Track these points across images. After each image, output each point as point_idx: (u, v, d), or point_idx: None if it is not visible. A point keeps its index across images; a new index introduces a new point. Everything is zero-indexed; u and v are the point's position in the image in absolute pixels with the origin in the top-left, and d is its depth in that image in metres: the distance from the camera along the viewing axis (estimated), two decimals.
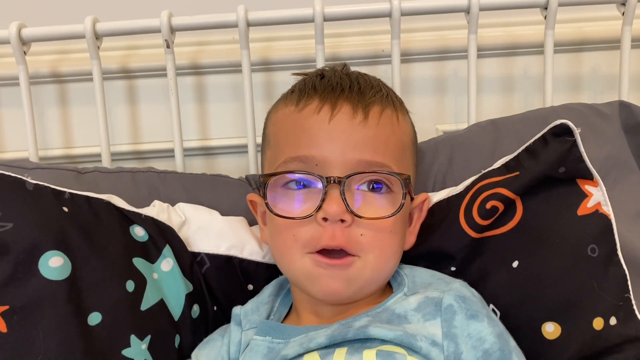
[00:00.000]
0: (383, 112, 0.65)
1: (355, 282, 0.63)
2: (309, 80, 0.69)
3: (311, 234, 0.62)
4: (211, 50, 1.03)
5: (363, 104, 0.64)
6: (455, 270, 0.71)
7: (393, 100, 0.68)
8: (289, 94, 0.69)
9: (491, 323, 0.60)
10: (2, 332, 0.60)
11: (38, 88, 1.03)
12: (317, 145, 0.63)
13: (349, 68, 0.72)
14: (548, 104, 0.92)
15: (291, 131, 0.66)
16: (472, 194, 0.71)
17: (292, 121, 0.66)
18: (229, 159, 1.06)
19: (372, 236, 0.62)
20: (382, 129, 0.65)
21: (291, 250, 0.64)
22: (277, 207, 0.64)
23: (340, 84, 0.66)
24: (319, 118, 0.64)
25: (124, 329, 0.64)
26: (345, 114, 0.64)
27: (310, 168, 0.63)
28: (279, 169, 0.65)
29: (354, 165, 0.62)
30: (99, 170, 0.82)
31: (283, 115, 0.68)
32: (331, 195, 0.61)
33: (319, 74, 0.69)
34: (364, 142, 0.63)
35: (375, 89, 0.67)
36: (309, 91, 0.66)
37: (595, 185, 0.68)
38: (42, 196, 0.66)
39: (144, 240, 0.70)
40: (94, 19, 0.90)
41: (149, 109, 1.05)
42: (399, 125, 0.67)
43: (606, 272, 0.66)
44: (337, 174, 0.61)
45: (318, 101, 0.65)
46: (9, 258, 0.62)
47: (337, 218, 0.61)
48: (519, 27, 1.03)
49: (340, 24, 0.93)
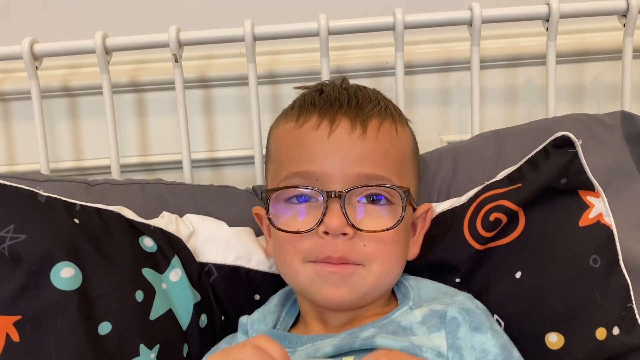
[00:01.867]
0: (381, 125, 0.66)
1: (359, 289, 0.63)
2: (308, 95, 0.70)
3: (312, 246, 0.63)
4: (218, 63, 1.05)
5: (361, 118, 0.65)
6: (460, 281, 0.71)
7: (392, 112, 0.69)
8: (289, 110, 0.71)
9: (495, 335, 0.60)
10: (15, 342, 0.61)
11: (49, 102, 1.04)
12: (317, 161, 0.64)
13: (348, 82, 0.73)
14: (551, 114, 0.92)
15: (292, 147, 0.67)
16: (475, 205, 0.72)
17: (293, 137, 0.67)
18: (236, 170, 1.07)
19: (375, 247, 0.63)
20: (381, 142, 0.65)
21: (293, 261, 0.65)
22: (279, 222, 0.65)
23: (339, 98, 0.67)
24: (318, 133, 0.65)
25: (134, 339, 0.65)
26: (344, 129, 0.65)
27: (311, 183, 0.64)
28: (281, 184, 0.66)
29: (353, 178, 0.63)
30: (108, 182, 0.83)
31: (284, 131, 0.69)
32: (332, 209, 0.62)
33: (318, 89, 0.70)
34: (363, 156, 0.64)
35: (374, 103, 0.68)
36: (308, 107, 0.67)
37: (597, 196, 0.69)
38: (54, 208, 0.68)
39: (153, 251, 0.71)
40: (104, 35, 0.91)
41: (158, 122, 1.07)
42: (397, 138, 0.68)
43: (608, 283, 0.66)
44: (338, 188, 0.62)
45: (317, 117, 0.66)
46: (22, 269, 0.63)
47: (338, 232, 0.62)
48: (522, 39, 1.04)
49: (344, 37, 0.95)
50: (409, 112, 0.95)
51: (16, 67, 1.02)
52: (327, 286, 0.63)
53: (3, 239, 0.64)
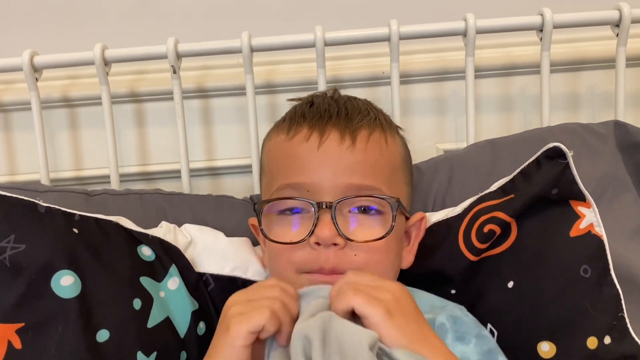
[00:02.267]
0: (371, 136, 0.67)
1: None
2: (299, 108, 0.71)
3: (305, 257, 0.64)
4: (216, 74, 1.06)
5: (350, 129, 0.66)
6: (456, 293, 0.72)
7: (382, 122, 0.70)
8: (281, 123, 0.72)
9: (479, 343, 0.61)
10: (17, 349, 0.62)
11: (49, 112, 1.05)
12: (308, 172, 0.65)
13: (339, 93, 0.74)
14: (545, 123, 0.93)
15: (283, 159, 0.68)
16: (470, 217, 0.72)
17: (284, 149, 0.68)
18: (234, 178, 1.08)
19: (365, 256, 0.64)
20: (370, 153, 0.66)
21: (287, 272, 0.66)
22: (272, 233, 0.67)
23: (328, 110, 0.68)
24: (308, 145, 0.66)
25: (131, 346, 0.66)
26: (333, 140, 0.66)
27: (302, 194, 0.65)
28: (273, 195, 0.67)
29: (344, 189, 0.64)
30: (107, 193, 0.84)
31: (275, 143, 0.70)
32: (323, 220, 0.63)
33: (309, 101, 0.71)
34: (352, 167, 0.65)
35: (363, 113, 0.69)
36: (299, 119, 0.69)
37: (588, 206, 0.69)
38: (54, 218, 0.68)
39: (151, 260, 0.72)
40: (103, 46, 0.92)
41: (157, 132, 1.07)
42: (387, 148, 0.69)
43: (599, 292, 0.67)
44: (328, 199, 0.63)
45: (307, 129, 0.67)
46: (23, 278, 0.64)
47: (329, 242, 0.63)
48: (516, 48, 1.05)
49: (340, 47, 0.95)
50: (405, 121, 0.96)
51: (16, 78, 1.03)
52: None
53: (4, 249, 0.65)
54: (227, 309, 0.58)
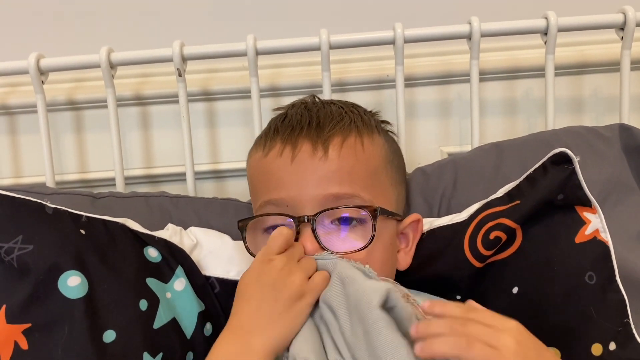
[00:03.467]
0: (344, 143, 0.67)
1: None
2: (272, 122, 0.71)
3: None
4: (221, 77, 1.06)
5: (322, 139, 0.66)
6: (461, 299, 0.72)
7: (357, 126, 0.69)
8: (258, 140, 0.72)
9: None
10: (23, 349, 0.62)
11: (54, 115, 1.06)
12: (284, 187, 0.65)
13: (315, 100, 0.74)
14: (550, 126, 0.93)
15: (261, 177, 0.69)
16: (476, 223, 0.72)
17: (260, 167, 0.69)
18: (239, 181, 1.07)
19: None
20: (345, 160, 0.66)
21: None
22: (258, 250, 0.66)
23: (300, 122, 0.68)
24: (281, 160, 0.66)
25: (137, 347, 0.66)
26: (305, 152, 0.66)
27: (282, 210, 0.65)
28: (257, 212, 0.68)
29: (321, 200, 0.64)
30: (113, 195, 0.84)
31: (254, 161, 0.71)
32: (304, 234, 0.63)
33: (284, 113, 0.71)
34: (328, 177, 0.65)
35: (336, 120, 0.68)
36: (272, 135, 0.69)
37: (594, 212, 0.69)
38: (61, 220, 0.69)
39: (157, 261, 0.72)
40: (109, 49, 0.92)
41: (162, 135, 1.08)
42: (364, 152, 0.68)
43: (604, 299, 0.66)
44: (308, 213, 0.64)
45: (280, 143, 0.67)
46: (30, 278, 0.64)
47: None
48: (521, 51, 1.05)
49: (345, 50, 0.96)
50: (409, 124, 0.96)
51: (22, 81, 1.03)
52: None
53: (12, 249, 0.65)
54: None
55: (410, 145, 1.00)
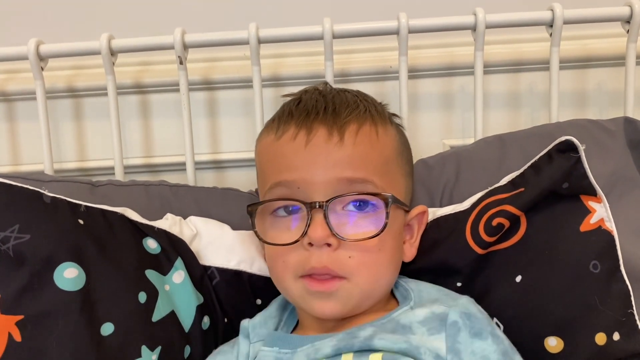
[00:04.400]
0: (360, 130, 0.66)
1: (348, 301, 0.64)
2: (286, 106, 0.70)
3: (299, 258, 0.64)
4: (222, 66, 1.05)
5: (338, 124, 0.65)
6: (461, 285, 0.72)
7: (372, 114, 0.68)
8: (270, 123, 0.71)
9: (496, 341, 0.60)
10: (17, 341, 0.61)
11: (53, 102, 1.05)
12: (297, 169, 0.64)
13: (329, 87, 0.73)
14: (554, 119, 0.92)
15: (272, 159, 0.67)
16: (478, 210, 0.72)
17: (272, 150, 0.67)
18: (239, 172, 1.07)
19: (360, 257, 0.63)
20: (360, 147, 0.65)
21: (285, 276, 0.65)
22: (267, 235, 0.66)
23: (315, 107, 0.67)
24: (295, 144, 0.65)
25: (136, 340, 0.65)
26: (320, 137, 0.64)
27: (293, 192, 0.64)
28: (266, 196, 0.67)
29: (335, 184, 0.63)
30: (112, 183, 0.83)
31: (265, 144, 0.69)
32: (315, 220, 0.62)
33: (297, 99, 0.70)
34: (342, 161, 0.64)
35: (352, 107, 0.67)
36: (286, 118, 0.67)
37: (599, 201, 0.69)
38: (59, 209, 0.68)
39: (156, 253, 0.72)
40: (110, 36, 0.91)
41: (162, 123, 1.07)
42: (378, 140, 0.67)
43: (609, 288, 0.66)
44: (320, 197, 0.62)
45: (294, 127, 0.66)
46: (25, 268, 0.64)
47: (322, 242, 0.62)
48: (525, 44, 1.04)
49: (348, 40, 0.95)
50: (411, 116, 0.96)
51: (21, 67, 1.02)
52: (317, 301, 0.64)
53: (8, 238, 0.64)
54: None
55: (412, 138, 0.98)
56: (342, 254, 0.63)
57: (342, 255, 0.63)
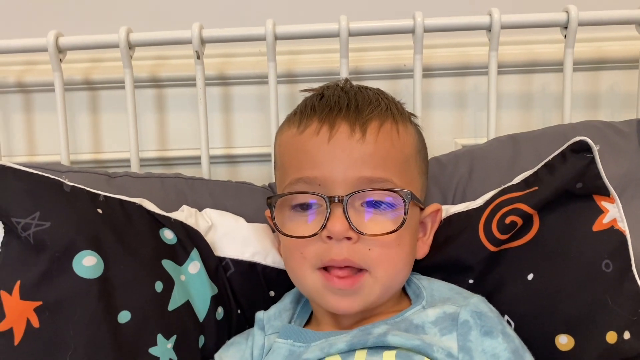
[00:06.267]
0: (382, 127, 0.66)
1: (367, 298, 0.64)
2: (309, 101, 0.70)
3: (317, 251, 0.64)
4: (238, 62, 1.06)
5: (360, 121, 0.65)
6: (473, 282, 0.72)
7: (393, 112, 0.69)
8: (292, 116, 0.71)
9: (506, 339, 0.61)
10: (35, 327, 0.62)
11: (70, 94, 1.06)
12: (319, 166, 0.64)
13: (350, 84, 0.73)
14: (566, 121, 0.93)
15: (294, 153, 0.68)
16: (491, 208, 0.72)
17: (294, 144, 0.68)
18: (252, 167, 1.08)
19: (379, 251, 0.64)
20: (381, 145, 0.65)
21: (302, 268, 0.66)
22: (285, 227, 0.66)
23: (338, 103, 0.67)
24: (318, 139, 0.65)
25: (152, 328, 0.66)
26: (343, 133, 0.65)
27: (313, 188, 0.64)
28: (285, 190, 0.67)
29: (355, 182, 0.63)
30: (129, 175, 0.84)
31: (287, 138, 0.70)
32: (335, 214, 0.62)
33: (319, 93, 0.71)
34: (363, 159, 0.64)
35: (374, 105, 0.68)
36: (309, 113, 0.68)
37: (612, 201, 0.69)
38: (78, 198, 0.69)
39: (172, 243, 0.72)
40: (128, 29, 0.92)
41: (176, 117, 1.08)
42: (399, 138, 0.67)
43: (620, 288, 0.66)
44: (340, 193, 0.63)
45: (317, 122, 0.66)
46: (45, 255, 0.64)
47: (341, 236, 0.62)
48: (539, 45, 1.05)
49: (363, 38, 0.95)
50: (424, 114, 0.96)
51: (39, 59, 1.04)
52: (333, 297, 0.64)
53: (28, 225, 0.65)
54: None
55: (425, 137, 0.99)
56: (362, 247, 0.63)
57: (361, 248, 0.63)
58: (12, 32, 0.99)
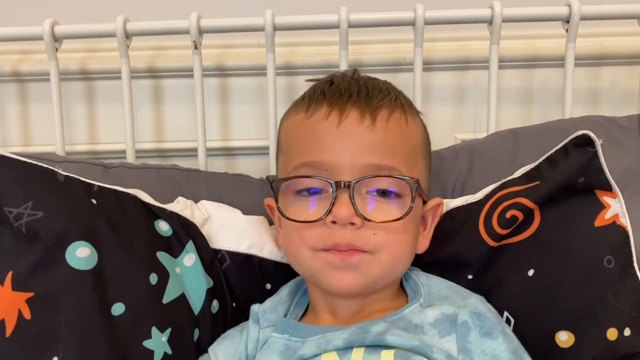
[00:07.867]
0: (391, 116, 0.66)
1: (367, 276, 0.63)
2: (318, 86, 0.70)
3: (320, 235, 0.63)
4: (236, 53, 1.05)
5: (371, 108, 0.65)
6: (473, 278, 0.71)
7: (402, 103, 0.69)
8: (300, 101, 0.70)
9: (506, 339, 0.60)
10: (26, 319, 0.61)
11: (66, 84, 1.04)
12: (326, 151, 0.64)
13: (359, 73, 0.73)
14: (567, 116, 0.92)
15: (301, 138, 0.67)
16: (492, 202, 0.72)
17: (302, 128, 0.67)
18: (250, 159, 1.07)
19: (385, 235, 0.63)
20: (390, 133, 0.65)
21: (301, 249, 0.65)
22: (288, 211, 0.66)
23: (349, 89, 0.67)
24: (327, 124, 0.65)
25: (146, 321, 0.65)
26: (353, 119, 0.64)
27: (320, 173, 0.64)
28: (290, 174, 0.66)
29: (362, 169, 0.63)
30: (124, 166, 0.83)
31: (294, 122, 0.69)
32: (340, 199, 0.62)
33: (329, 80, 0.70)
34: (372, 146, 0.64)
35: (384, 93, 0.67)
36: (318, 97, 0.67)
37: (614, 196, 0.69)
38: (72, 187, 0.68)
39: (168, 235, 0.72)
40: (125, 19, 0.91)
41: (173, 109, 1.07)
42: (407, 128, 0.67)
43: (622, 284, 0.66)
44: (347, 179, 0.62)
45: (327, 107, 0.66)
46: (38, 245, 0.63)
47: (346, 221, 0.62)
48: (540, 40, 1.04)
49: (363, 31, 0.95)
50: (424, 108, 0.95)
51: (34, 48, 1.02)
52: (336, 273, 0.63)
53: (21, 215, 0.64)
54: None
55: None
56: (366, 232, 0.63)
57: (366, 232, 0.63)
58: (7, 20, 0.98)
